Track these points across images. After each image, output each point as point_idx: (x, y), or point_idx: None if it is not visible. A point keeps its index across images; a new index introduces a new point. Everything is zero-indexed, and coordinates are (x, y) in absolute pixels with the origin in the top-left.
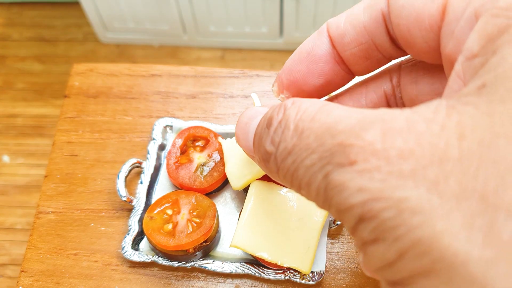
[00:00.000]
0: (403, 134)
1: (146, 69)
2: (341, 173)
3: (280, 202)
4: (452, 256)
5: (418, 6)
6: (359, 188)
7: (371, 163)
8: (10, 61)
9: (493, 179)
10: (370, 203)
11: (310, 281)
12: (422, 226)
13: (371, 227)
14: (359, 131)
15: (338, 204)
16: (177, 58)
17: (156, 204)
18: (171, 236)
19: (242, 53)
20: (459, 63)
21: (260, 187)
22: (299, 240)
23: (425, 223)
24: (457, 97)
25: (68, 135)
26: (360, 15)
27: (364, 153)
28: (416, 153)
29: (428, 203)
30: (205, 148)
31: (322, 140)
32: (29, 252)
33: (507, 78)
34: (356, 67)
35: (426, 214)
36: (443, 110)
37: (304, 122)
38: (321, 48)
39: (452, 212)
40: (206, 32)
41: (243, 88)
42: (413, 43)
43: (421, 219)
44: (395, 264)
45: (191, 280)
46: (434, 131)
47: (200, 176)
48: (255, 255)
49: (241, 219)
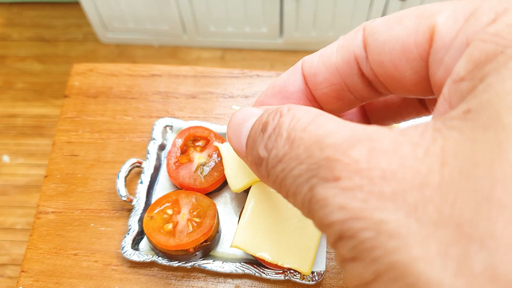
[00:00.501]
0: (387, 155)
1: (146, 69)
2: (325, 188)
3: (281, 203)
4: (425, 283)
5: (403, 38)
6: (340, 206)
7: (354, 181)
8: (10, 61)
9: (469, 209)
10: (350, 222)
11: (310, 281)
12: (399, 250)
13: (350, 245)
14: (347, 148)
15: (320, 219)
16: (177, 58)
17: (156, 204)
18: (171, 235)
19: (242, 53)
20: (446, 86)
21: (261, 188)
22: (300, 240)
23: (402, 248)
24: (443, 119)
25: (68, 135)
26: (332, 56)
27: (348, 170)
28: (398, 176)
29: (406, 227)
30: (205, 148)
31: (311, 152)
32: (29, 252)
33: (491, 105)
34: (328, 106)
35: (403, 238)
36: (429, 133)
37: (296, 132)
38: (294, 84)
39: (429, 238)
40: (206, 32)
41: (243, 88)
42: (400, 77)
43: (398, 243)
44: (371, 285)
45: (191, 280)
46: (418, 156)
47: (200, 176)
48: (255, 255)
49: (242, 219)
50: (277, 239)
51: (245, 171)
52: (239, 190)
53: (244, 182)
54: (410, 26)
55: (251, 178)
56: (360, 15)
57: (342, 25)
